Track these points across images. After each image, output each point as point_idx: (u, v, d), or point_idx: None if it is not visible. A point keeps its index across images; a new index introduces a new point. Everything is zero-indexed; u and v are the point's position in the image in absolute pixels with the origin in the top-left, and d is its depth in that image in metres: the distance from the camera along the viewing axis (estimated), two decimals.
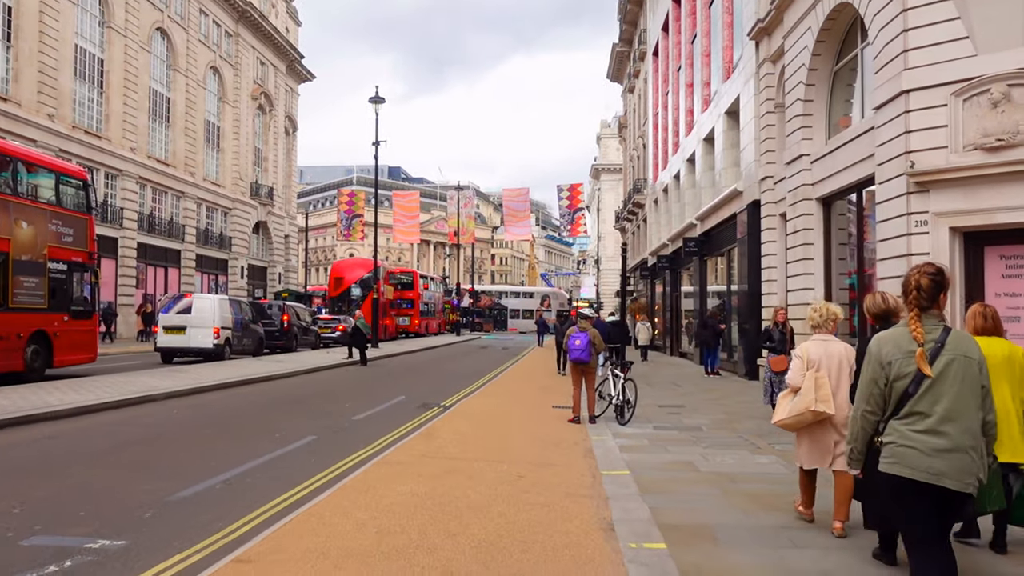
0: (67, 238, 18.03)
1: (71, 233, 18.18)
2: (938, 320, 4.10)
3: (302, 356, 26.48)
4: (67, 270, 17.98)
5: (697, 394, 17.18)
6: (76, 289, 18.52)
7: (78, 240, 18.52)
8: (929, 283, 4.09)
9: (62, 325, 17.66)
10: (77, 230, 18.52)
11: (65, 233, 17.94)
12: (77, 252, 18.47)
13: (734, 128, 24.31)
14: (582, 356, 12.10)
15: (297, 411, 13.43)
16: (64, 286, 17.87)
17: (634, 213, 50.80)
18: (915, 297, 4.09)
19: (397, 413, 13.52)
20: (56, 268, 17.45)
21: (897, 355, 4.04)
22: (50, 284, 17.22)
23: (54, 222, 17.60)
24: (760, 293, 20.61)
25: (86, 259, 18.88)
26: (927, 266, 4.21)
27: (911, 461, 3.89)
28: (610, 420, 12.37)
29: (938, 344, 3.99)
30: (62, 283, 17.79)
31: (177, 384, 15.70)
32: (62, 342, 17.61)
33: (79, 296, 18.69)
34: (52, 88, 34.49)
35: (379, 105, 34.31)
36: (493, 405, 14.58)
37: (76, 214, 18.72)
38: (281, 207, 60.51)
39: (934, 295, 4.09)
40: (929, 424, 3.90)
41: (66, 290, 17.95)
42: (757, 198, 20.77)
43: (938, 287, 4.10)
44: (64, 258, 17.83)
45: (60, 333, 17.54)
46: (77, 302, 18.50)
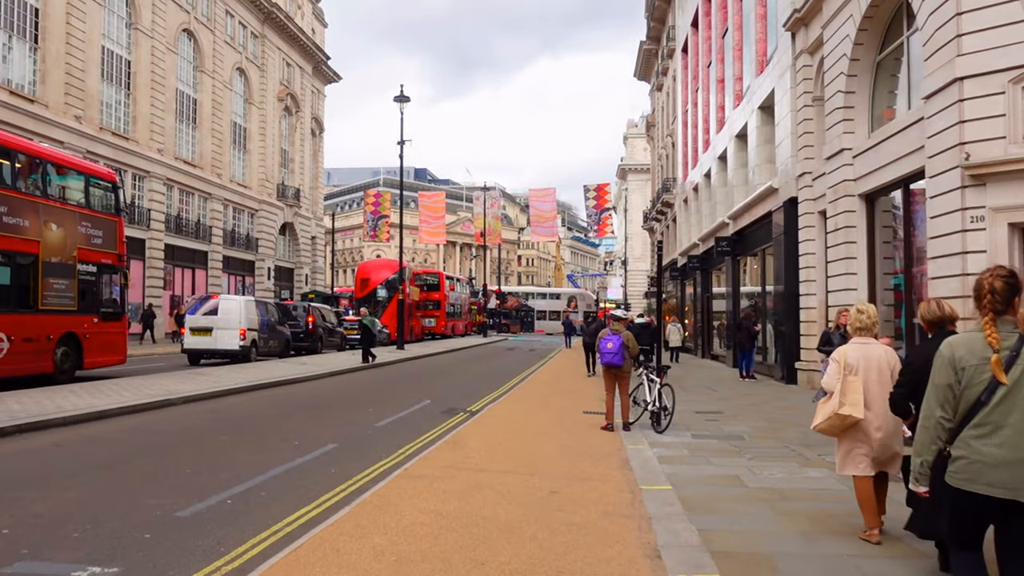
0: (96, 240, 17.97)
1: (100, 235, 18.12)
2: (1013, 327, 3.84)
3: (327, 358, 26.08)
4: (97, 272, 17.91)
5: (734, 399, 16.49)
6: (106, 291, 18.47)
7: (107, 242, 18.43)
8: (1003, 286, 3.88)
9: (92, 327, 17.60)
10: (106, 232, 18.43)
11: (95, 235, 17.87)
12: (106, 254, 18.39)
13: (768, 123, 23.56)
14: (615, 360, 11.50)
15: (318, 416, 12.95)
16: (94, 288, 17.81)
17: (663, 213, 50.03)
18: (989, 301, 3.88)
19: (422, 419, 13.00)
20: (86, 270, 17.40)
21: (971, 360, 3.83)
22: (80, 286, 17.12)
23: (84, 224, 17.54)
24: (798, 294, 19.86)
25: (115, 261, 18.81)
26: (999, 268, 4.01)
27: (988, 477, 3.70)
28: (645, 427, 11.76)
29: (1013, 352, 3.77)
30: (91, 285, 17.73)
31: (198, 387, 15.30)
32: (92, 344, 17.52)
33: (108, 298, 18.63)
34: (79, 90, 34.43)
35: (404, 104, 33.86)
36: (522, 411, 14.00)
37: (105, 216, 18.66)
38: (308, 208, 60.35)
39: (1009, 298, 3.87)
40: (1004, 437, 3.71)
41: (96, 292, 17.89)
42: (794, 195, 20.03)
43: (1013, 290, 3.88)
44: (94, 260, 17.75)
45: (90, 335, 17.45)
46: (107, 304, 18.43)
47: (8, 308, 15.06)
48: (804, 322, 19.46)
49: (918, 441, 4.02)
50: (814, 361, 18.91)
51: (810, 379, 18.94)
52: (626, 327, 28.84)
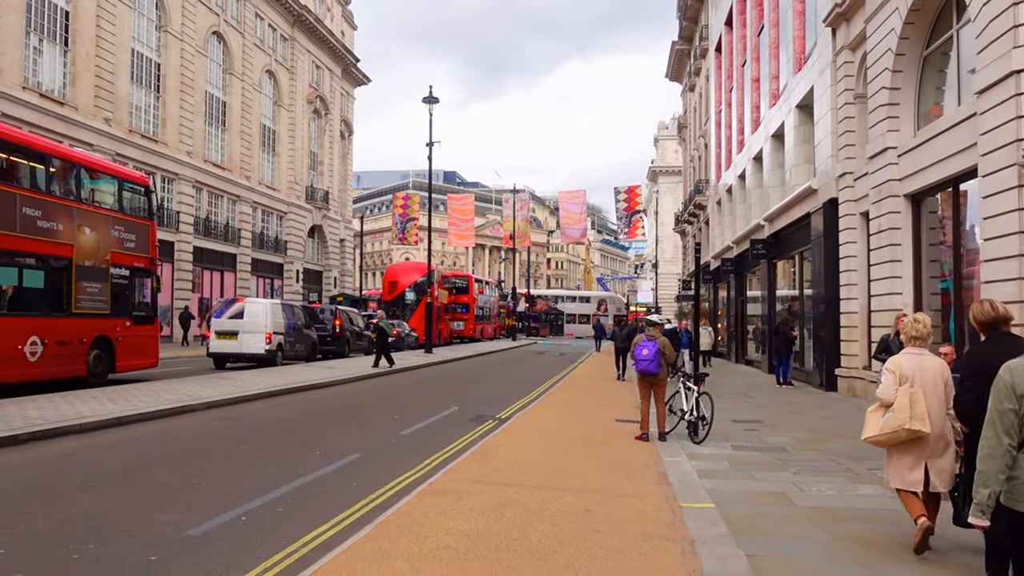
0: (129, 244, 18.06)
1: (133, 239, 18.19)
2: None
3: (354, 362, 25.75)
4: (129, 276, 18.01)
5: (773, 407, 15.88)
6: (138, 294, 18.55)
7: (140, 246, 18.50)
8: None
9: (124, 330, 17.67)
10: (139, 236, 18.49)
11: (127, 239, 17.96)
12: (139, 258, 18.46)
13: (806, 122, 22.89)
14: (650, 367, 10.99)
15: (342, 423, 12.56)
16: (126, 291, 17.92)
17: (695, 215, 49.30)
18: None
19: (449, 427, 12.56)
20: (118, 274, 17.50)
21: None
22: (112, 289, 17.20)
23: (117, 228, 17.65)
24: (838, 298, 19.20)
25: (148, 265, 18.88)
26: None
27: None
28: (681, 437, 11.24)
29: None
30: (124, 288, 17.82)
31: (221, 392, 14.98)
32: (124, 347, 17.59)
33: (141, 301, 18.71)
34: (109, 92, 34.50)
35: (433, 105, 33.53)
36: (552, 418, 13.52)
37: (138, 220, 18.70)
38: (336, 211, 60.30)
39: None
40: None
41: (128, 295, 18.00)
42: (834, 196, 19.37)
43: None
44: (126, 264, 17.83)
45: (122, 338, 17.51)
46: (139, 307, 18.50)
47: (42, 311, 15.18)
48: (845, 327, 18.79)
49: (984, 472, 3.80)
50: (855, 368, 18.27)
51: (851, 386, 18.29)
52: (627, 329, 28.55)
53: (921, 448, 5.76)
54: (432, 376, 23.34)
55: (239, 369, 21.85)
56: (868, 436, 6.02)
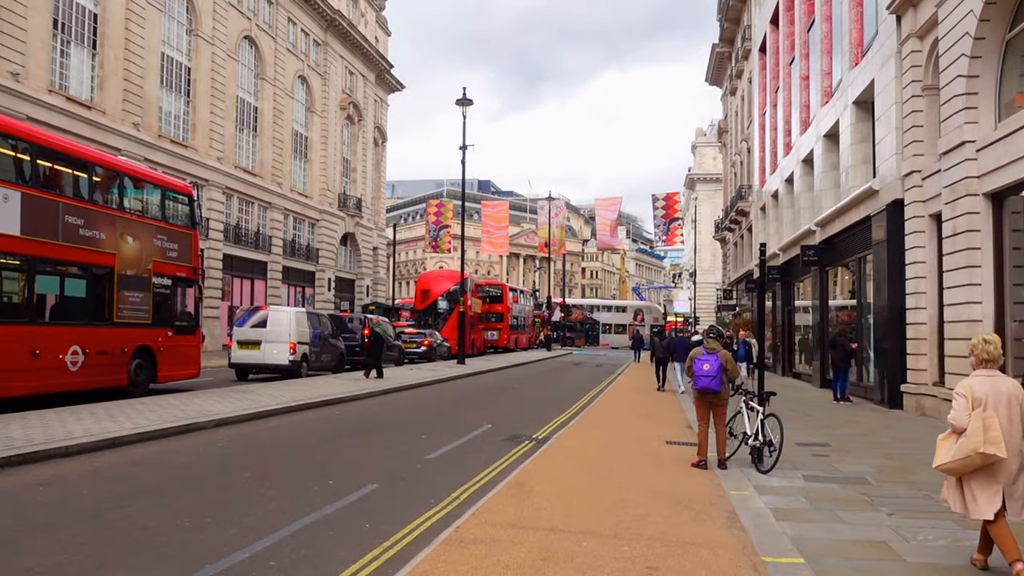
0: (172, 253, 17.85)
1: (176, 248, 18.00)
2: None
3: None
4: (171, 285, 17.81)
5: (837, 427, 14.40)
6: (180, 304, 18.33)
7: (183, 255, 18.31)
8: None
9: (166, 340, 17.47)
10: (182, 245, 18.31)
11: (170, 248, 17.78)
12: (181, 267, 18.25)
13: (865, 120, 21.39)
14: (712, 385, 9.65)
15: (363, 445, 11.36)
16: (168, 301, 17.69)
17: (736, 222, 47.72)
18: None
19: (481, 449, 11.31)
20: (160, 283, 17.33)
21: None
22: (154, 299, 17.02)
23: (159, 237, 17.48)
24: (904, 307, 17.65)
25: (190, 274, 18.64)
26: None
27: None
28: (744, 464, 9.89)
29: None
30: (166, 298, 17.65)
31: (235, 408, 13.86)
32: (166, 357, 17.34)
33: (183, 311, 18.45)
34: (138, 96, 33.90)
35: (466, 108, 32.45)
36: (595, 439, 12.20)
37: (181, 229, 18.54)
38: (369, 219, 59.53)
39: None
40: None
41: (170, 305, 17.78)
42: (899, 197, 17.86)
43: None
44: (169, 273, 17.62)
45: (164, 348, 17.30)
46: (181, 317, 18.27)
47: (84, 320, 15.00)
48: (912, 339, 17.24)
49: None
50: (924, 384, 16.74)
51: (919, 404, 16.75)
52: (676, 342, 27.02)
53: (995, 474, 5.52)
54: (465, 389, 22.12)
55: (262, 381, 20.80)
56: (940, 464, 5.78)
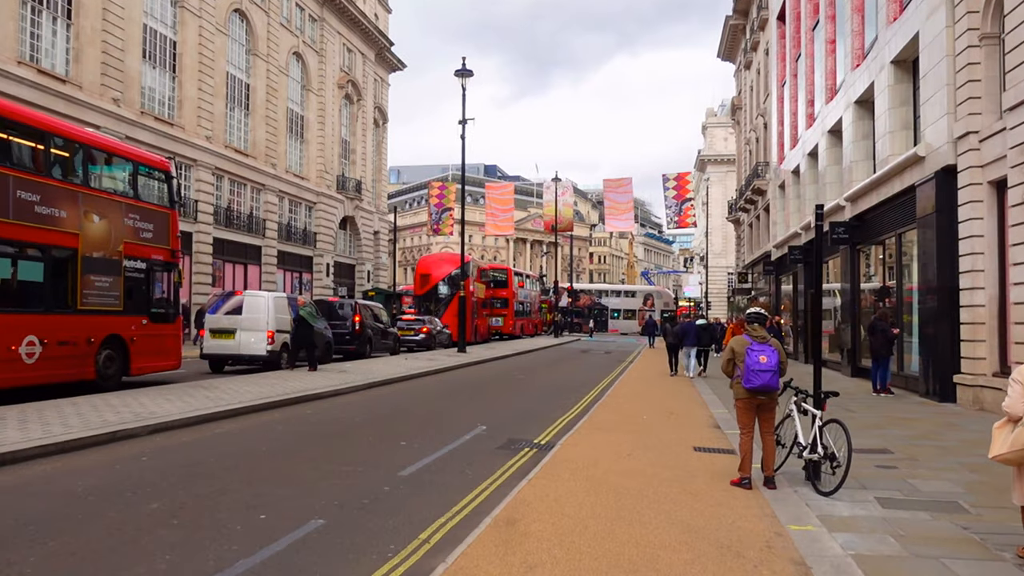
0: (146, 234, 16.34)
1: (150, 228, 16.47)
2: None
3: (373, 364, 22.60)
4: (146, 269, 16.30)
5: (890, 427, 12.34)
6: (156, 289, 16.79)
7: (159, 236, 16.78)
8: None
9: (140, 329, 15.99)
10: (157, 225, 16.77)
11: (144, 228, 16.26)
12: (157, 249, 16.71)
13: (905, 80, 19.25)
14: (771, 382, 7.64)
15: (324, 457, 9.34)
16: (142, 286, 16.25)
17: (752, 202, 45.49)
18: None
19: (469, 461, 9.31)
20: (133, 267, 15.87)
21: None
22: (126, 284, 15.60)
23: (131, 216, 15.91)
24: (957, 288, 15.57)
25: (168, 257, 17.05)
26: None
27: None
28: (794, 481, 7.93)
29: None
30: (140, 283, 16.12)
31: (184, 409, 11.84)
32: (140, 347, 15.92)
33: (160, 297, 16.86)
34: (118, 70, 31.83)
35: (466, 79, 30.34)
36: (608, 447, 10.18)
37: (157, 208, 16.90)
38: (370, 202, 57.42)
39: None
40: None
41: (145, 291, 16.33)
42: (950, 163, 15.74)
43: None
44: (142, 256, 16.19)
45: (138, 338, 15.86)
46: (157, 304, 16.79)
47: (41, 308, 13.59)
48: (967, 324, 15.16)
49: None
50: (982, 375, 14.68)
51: (977, 397, 14.71)
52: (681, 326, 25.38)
53: None
54: (462, 381, 20.12)
55: (238, 374, 18.83)
56: (996, 454, 5.56)
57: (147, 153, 19.36)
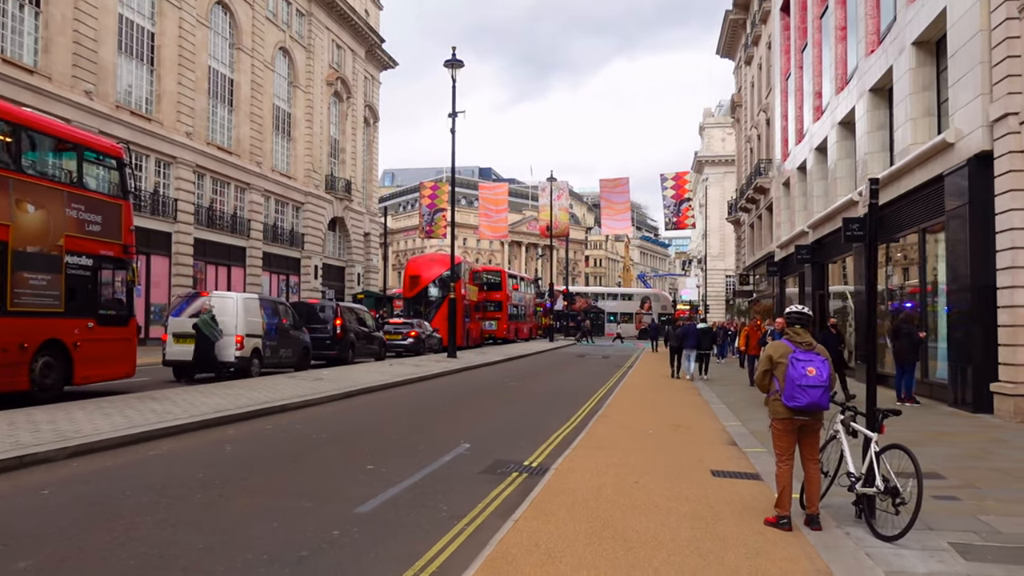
0: (93, 227, 14.62)
1: (98, 221, 14.76)
2: None
3: (354, 371, 21.02)
4: (92, 266, 14.57)
5: (929, 444, 10.79)
6: (106, 289, 15.10)
7: (109, 230, 15.03)
8: None
9: (85, 333, 14.23)
10: (107, 218, 15.04)
11: (90, 221, 14.56)
12: (106, 244, 14.97)
13: (928, 63, 17.79)
14: (822, 400, 6.14)
15: (270, 486, 7.78)
16: (88, 285, 14.55)
17: (754, 201, 44.03)
18: None
19: (444, 491, 7.76)
20: (76, 263, 14.15)
21: None
22: (68, 283, 13.88)
23: (75, 207, 14.19)
24: (993, 286, 14.05)
25: (120, 253, 15.36)
26: None
27: None
28: (841, 516, 6.42)
29: None
30: (85, 282, 14.41)
31: (118, 426, 10.11)
32: (85, 353, 14.17)
33: (110, 298, 15.15)
34: (90, 62, 30.28)
35: (456, 70, 28.85)
36: (611, 470, 8.64)
37: (106, 198, 15.19)
38: (360, 202, 55.84)
39: None
40: None
41: (91, 290, 14.60)
42: (985, 148, 14.24)
43: None
44: (88, 251, 14.47)
45: (82, 343, 14.12)
46: (107, 305, 15.08)
47: None
48: (1006, 327, 13.65)
49: None
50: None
51: (1019, 407, 13.19)
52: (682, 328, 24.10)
53: None
54: (448, 390, 18.57)
55: (202, 382, 17.23)
56: None
57: (95, 137, 17.77)
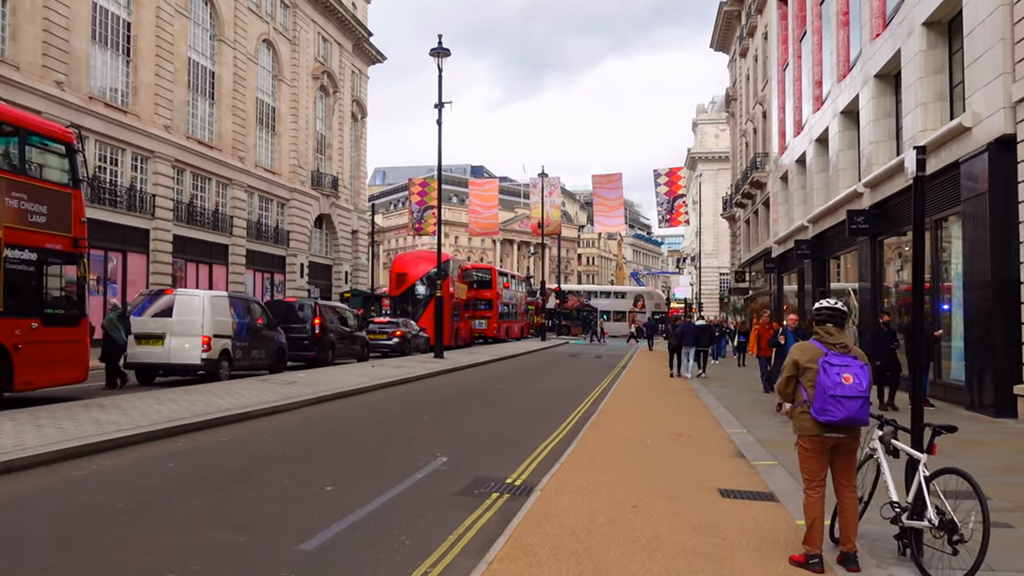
0: (38, 218, 13.41)
1: (44, 212, 13.50)
2: None
3: (332, 373, 19.84)
4: (37, 261, 13.38)
5: (959, 455, 9.60)
6: (53, 286, 13.92)
7: (56, 222, 13.83)
8: None
9: (28, 334, 12.98)
10: (54, 208, 13.80)
11: (34, 211, 13.31)
12: (53, 237, 13.75)
13: (939, 45, 16.77)
14: (859, 414, 5.06)
15: (205, 515, 6.63)
16: (32, 282, 13.34)
17: (750, 196, 43.04)
18: None
19: (411, 520, 6.65)
20: (18, 257, 12.94)
21: None
22: (7, 279, 12.73)
23: (15, 196, 12.97)
24: (1016, 280, 13.05)
25: (69, 247, 14.07)
26: None
27: None
28: (880, 552, 5.33)
29: None
30: (28, 278, 13.26)
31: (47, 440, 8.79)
32: (28, 357, 12.92)
33: (58, 296, 14.02)
34: (62, 51, 28.99)
35: (443, 58, 27.71)
36: (605, 490, 7.54)
37: (52, 187, 13.98)
38: (348, 199, 54.60)
39: None
40: None
41: (35, 287, 13.39)
42: (1007, 132, 13.22)
43: None
44: (32, 244, 13.27)
45: (24, 345, 12.89)
46: (54, 303, 13.92)
47: None
48: None
49: None
50: None
51: None
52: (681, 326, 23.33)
53: None
54: (431, 393, 17.43)
55: (168, 386, 16.06)
56: None
57: (41, 119, 16.54)
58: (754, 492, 7.61)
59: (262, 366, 19.13)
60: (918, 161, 5.96)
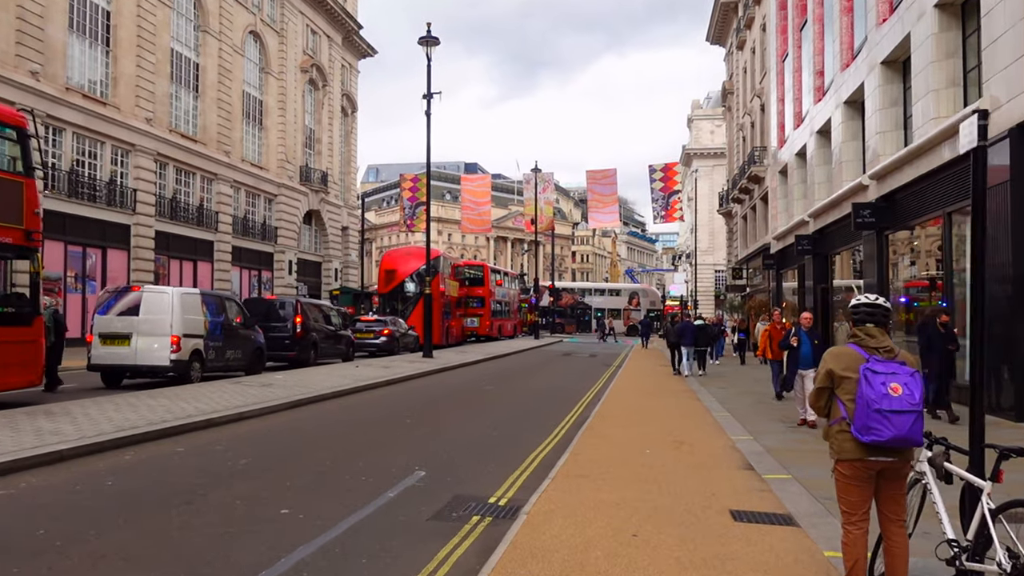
0: None
1: None
2: None
3: (313, 374, 18.87)
4: None
5: (1008, 477, 8.82)
6: (2, 283, 13.12)
7: (6, 213, 12.72)
8: None
9: None
10: (4, 198, 12.76)
11: None
12: (3, 229, 12.80)
13: (953, 28, 15.87)
14: (911, 433, 4.12)
15: (126, 550, 5.64)
16: None
17: (747, 191, 42.14)
18: None
19: (375, 552, 5.71)
20: None
21: None
22: None
23: None
24: None
25: (20, 240, 13.01)
26: None
27: None
28: None
29: None
30: None
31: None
32: None
33: (6, 293, 13.24)
34: (36, 40, 27.95)
35: (431, 47, 26.77)
36: (601, 513, 6.61)
37: (2, 175, 12.95)
38: (337, 195, 53.58)
39: None
40: None
41: None
42: None
43: None
44: None
45: None
46: (4, 301, 12.97)
47: None
48: None
49: None
50: None
51: None
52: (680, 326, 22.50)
53: None
54: (416, 395, 16.49)
55: (135, 389, 15.08)
56: None
57: None
58: (770, 514, 6.69)
59: (238, 367, 18.12)
60: (980, 127, 5.02)
